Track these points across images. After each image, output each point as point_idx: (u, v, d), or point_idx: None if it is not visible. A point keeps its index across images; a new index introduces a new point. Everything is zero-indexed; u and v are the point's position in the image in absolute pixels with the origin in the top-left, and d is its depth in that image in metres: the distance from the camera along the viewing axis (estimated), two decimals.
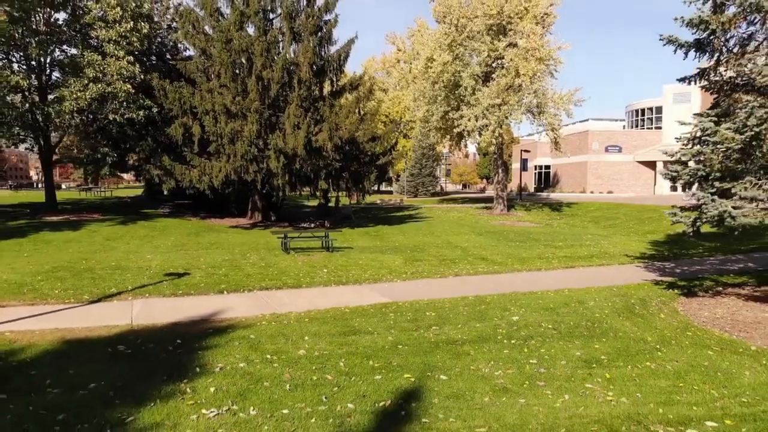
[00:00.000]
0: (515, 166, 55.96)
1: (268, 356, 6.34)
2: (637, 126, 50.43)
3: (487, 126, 27.41)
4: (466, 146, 50.71)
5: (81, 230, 18.51)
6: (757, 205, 8.53)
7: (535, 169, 53.24)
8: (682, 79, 9.93)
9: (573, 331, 7.63)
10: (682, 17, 8.51)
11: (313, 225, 23.53)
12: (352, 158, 22.84)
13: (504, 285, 11.04)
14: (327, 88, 24.27)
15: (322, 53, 22.82)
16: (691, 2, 8.65)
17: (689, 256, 15.19)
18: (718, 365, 6.49)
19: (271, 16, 22.94)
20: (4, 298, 9.23)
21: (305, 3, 22.77)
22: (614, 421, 4.86)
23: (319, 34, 22.48)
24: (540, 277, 12.28)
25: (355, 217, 26.79)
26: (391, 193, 60.22)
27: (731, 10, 8.44)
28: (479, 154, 77.47)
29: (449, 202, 44.06)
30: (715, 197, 8.10)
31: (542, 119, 28.41)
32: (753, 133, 7.49)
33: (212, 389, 5.37)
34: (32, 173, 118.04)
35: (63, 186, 69.71)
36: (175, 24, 27.01)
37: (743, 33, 9.17)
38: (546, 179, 51.84)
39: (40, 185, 69.40)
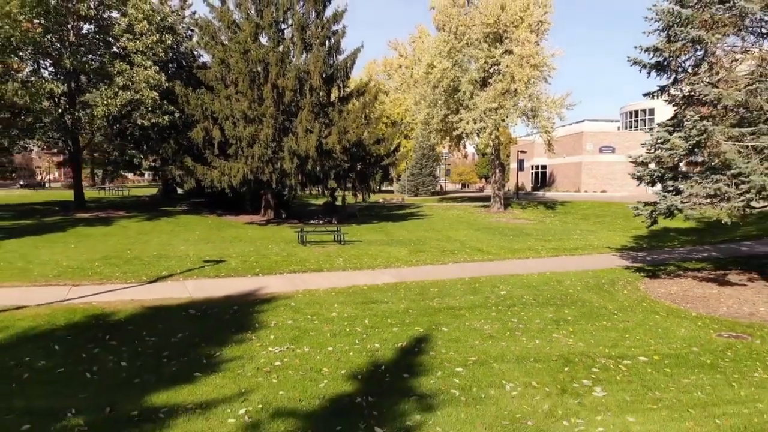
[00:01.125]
0: (513, 166, 57.65)
1: (309, 316, 8.15)
2: (631, 127, 52.17)
3: (484, 128, 29.18)
4: (465, 147, 52.41)
5: (113, 225, 20.29)
6: (711, 201, 10.32)
7: (532, 168, 54.94)
8: (647, 94, 11.71)
9: (549, 301, 9.44)
10: (641, 45, 10.32)
11: (321, 222, 25.35)
12: (359, 159, 24.60)
13: (496, 269, 12.83)
14: (335, 93, 25.94)
15: (331, 61, 24.52)
16: (650, 33, 10.44)
17: (663, 247, 16.98)
18: (661, 324, 8.27)
19: (283, 27, 24.67)
20: (76, 279, 10.99)
21: (315, 15, 24.48)
22: (571, 355, 6.67)
23: (328, 43, 24.23)
24: (527, 263, 14.07)
25: (360, 215, 28.55)
26: (392, 192, 61.87)
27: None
28: (478, 155, 79.18)
29: (449, 200, 45.84)
30: (666, 194, 9.89)
31: (536, 122, 30.15)
32: (695, 141, 9.27)
33: (272, 336, 7.17)
34: (36, 172, 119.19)
35: None
36: (191, 32, 28.77)
37: (697, 55, 10.98)
38: (542, 179, 53.54)
39: (47, 185, 71.09)
